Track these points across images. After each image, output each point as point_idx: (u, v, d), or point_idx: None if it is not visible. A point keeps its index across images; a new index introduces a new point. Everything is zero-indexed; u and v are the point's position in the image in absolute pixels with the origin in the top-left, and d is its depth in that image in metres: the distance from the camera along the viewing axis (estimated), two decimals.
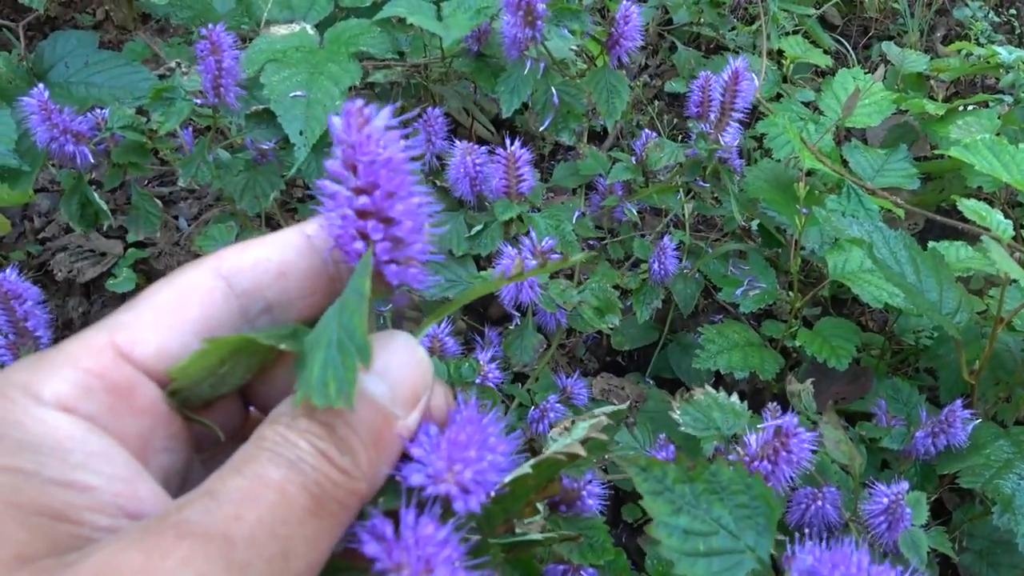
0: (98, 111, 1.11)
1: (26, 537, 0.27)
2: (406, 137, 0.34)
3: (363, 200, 0.33)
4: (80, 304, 1.65)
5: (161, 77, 1.17)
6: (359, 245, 0.34)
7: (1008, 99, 1.52)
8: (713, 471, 0.43)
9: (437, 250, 0.36)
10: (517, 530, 0.42)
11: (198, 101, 1.05)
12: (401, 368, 0.33)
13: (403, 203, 0.34)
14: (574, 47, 1.09)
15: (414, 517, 0.31)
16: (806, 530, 0.80)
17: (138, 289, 1.59)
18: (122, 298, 1.61)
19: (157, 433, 0.32)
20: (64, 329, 1.62)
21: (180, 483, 0.34)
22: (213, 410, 0.36)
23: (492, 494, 0.34)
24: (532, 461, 0.39)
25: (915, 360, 1.32)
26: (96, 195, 1.09)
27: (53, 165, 1.48)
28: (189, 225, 1.73)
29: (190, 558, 0.26)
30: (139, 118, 1.10)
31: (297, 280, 0.36)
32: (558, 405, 0.99)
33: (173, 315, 0.33)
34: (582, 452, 0.39)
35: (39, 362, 0.31)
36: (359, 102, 0.33)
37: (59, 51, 1.24)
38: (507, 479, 0.36)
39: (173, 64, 1.15)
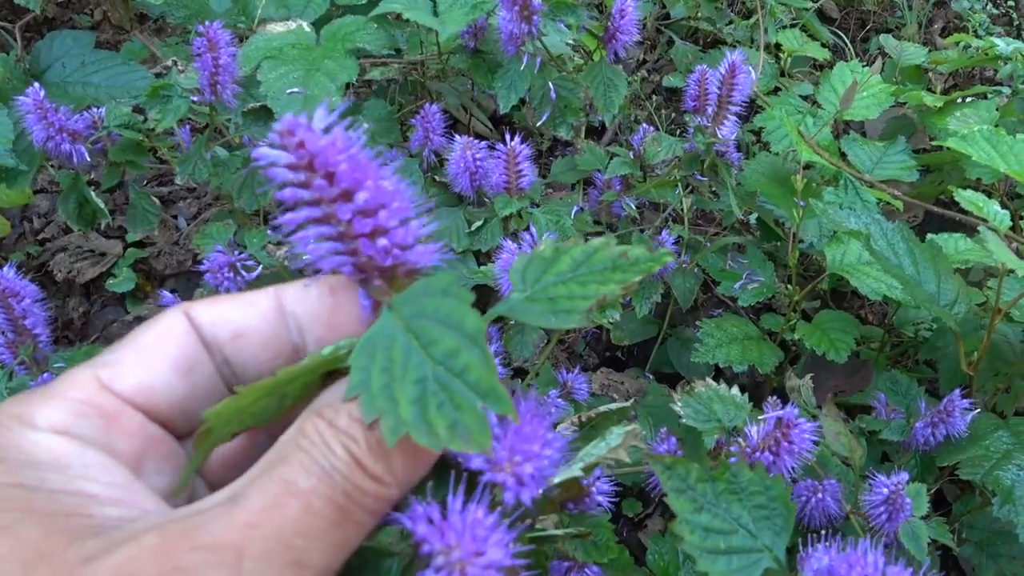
0: (95, 110, 1.11)
1: (41, 533, 0.28)
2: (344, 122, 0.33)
3: (363, 195, 0.32)
4: (80, 304, 1.65)
5: (158, 75, 1.17)
6: (382, 243, 0.33)
7: (1006, 90, 1.52)
8: (734, 472, 0.44)
9: (428, 219, 0.35)
10: (538, 526, 0.42)
11: (195, 99, 1.05)
12: None
13: (388, 184, 0.33)
14: (570, 42, 1.09)
15: (462, 503, 0.31)
16: (819, 530, 0.80)
17: (137, 289, 1.59)
18: (121, 298, 1.62)
19: (149, 455, 0.34)
20: (64, 329, 1.62)
21: (176, 504, 0.35)
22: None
23: (542, 491, 0.34)
24: (581, 464, 0.39)
25: (914, 352, 1.32)
26: (94, 194, 1.09)
27: (52, 166, 1.48)
28: (188, 224, 1.73)
29: (198, 568, 0.27)
30: (136, 116, 1.10)
31: (254, 343, 0.36)
32: (559, 400, 0.99)
33: (151, 353, 0.35)
34: (627, 458, 0.40)
35: (29, 396, 0.33)
36: (287, 118, 0.32)
37: (56, 51, 1.24)
38: (559, 478, 0.36)
39: (169, 62, 1.15)
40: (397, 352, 0.31)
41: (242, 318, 0.36)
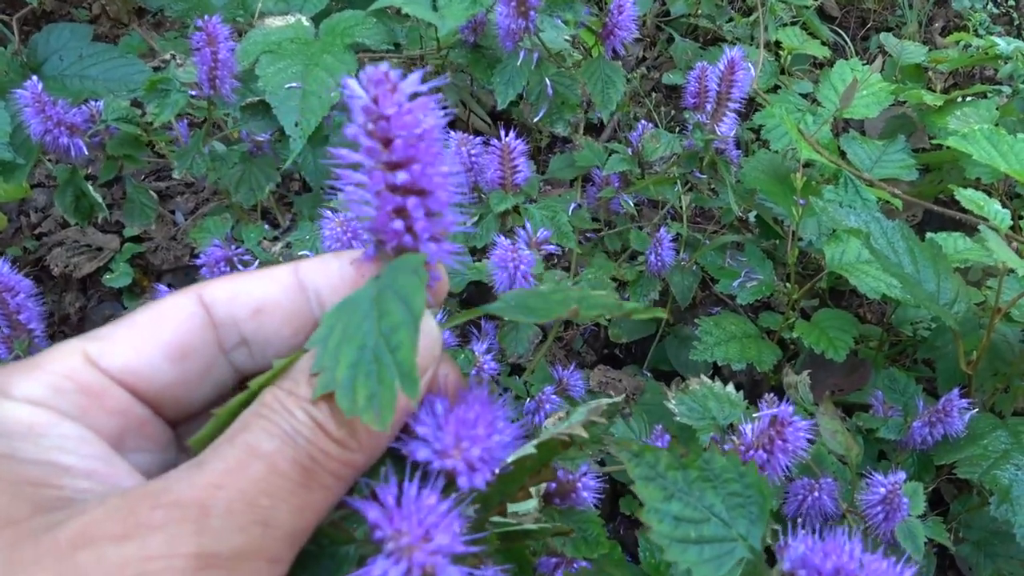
0: (93, 103, 1.10)
1: (7, 501, 0.28)
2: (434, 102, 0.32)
3: (402, 176, 0.32)
4: (77, 299, 1.65)
5: (156, 69, 1.17)
6: (398, 225, 0.33)
7: (1006, 90, 1.52)
8: (706, 459, 0.43)
9: (465, 220, 0.35)
10: (512, 521, 0.41)
11: (193, 93, 1.05)
12: None
13: (437, 173, 0.33)
14: (568, 37, 1.09)
15: (416, 488, 0.31)
16: (801, 521, 0.80)
17: (134, 284, 1.59)
18: (118, 293, 1.61)
19: (130, 433, 0.33)
20: (61, 324, 1.61)
21: None
22: None
23: (497, 472, 0.34)
24: (535, 441, 0.38)
25: (913, 351, 1.32)
26: (91, 188, 1.09)
27: (49, 160, 1.48)
28: (186, 219, 1.73)
29: (162, 525, 0.27)
30: (134, 110, 1.09)
31: (276, 319, 0.35)
32: (554, 397, 0.98)
33: (145, 334, 0.34)
34: (584, 433, 0.39)
35: (10, 368, 0.32)
36: (384, 66, 0.31)
37: (53, 44, 1.24)
38: (512, 457, 0.36)
39: (168, 56, 1.15)
40: (357, 317, 0.31)
41: (263, 292, 0.35)
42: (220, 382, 0.36)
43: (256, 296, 0.35)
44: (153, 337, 0.34)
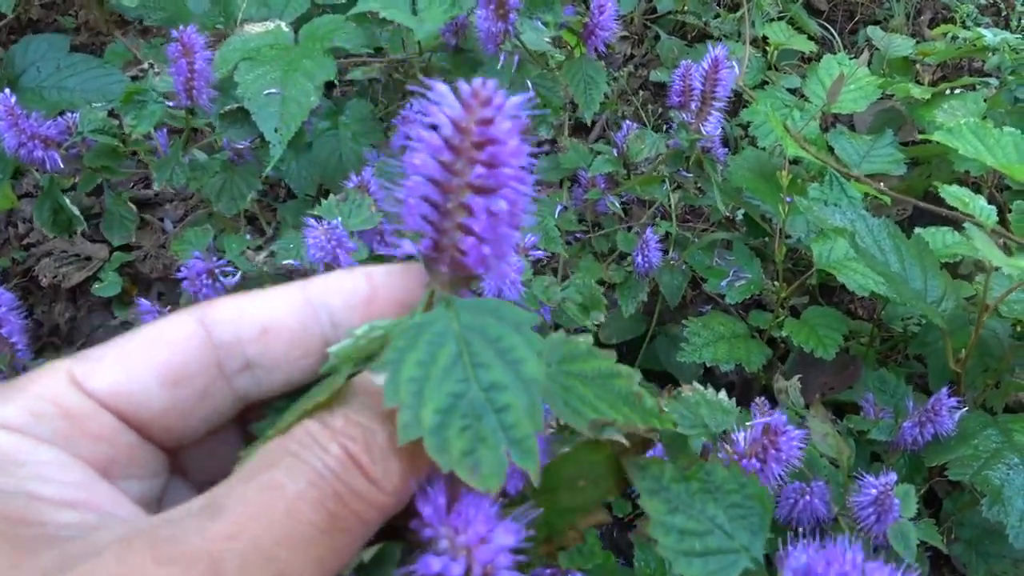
0: (70, 115, 1.09)
1: None
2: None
3: (488, 201, 0.31)
4: (67, 309, 1.63)
5: (134, 79, 1.15)
6: (467, 245, 0.31)
7: (994, 82, 1.51)
8: (708, 470, 0.43)
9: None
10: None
11: (171, 104, 1.04)
12: None
13: (519, 203, 0.32)
14: (549, 39, 1.08)
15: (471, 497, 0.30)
16: (798, 528, 0.79)
17: (124, 293, 1.58)
18: (108, 303, 1.60)
19: (119, 460, 0.31)
20: (51, 335, 1.60)
21: (155, 511, 0.32)
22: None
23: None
24: (571, 443, 0.38)
25: (904, 347, 1.31)
26: (68, 201, 1.08)
27: (37, 170, 1.47)
28: (175, 227, 1.72)
29: None
30: (111, 121, 1.08)
31: (284, 340, 0.33)
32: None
33: (137, 356, 0.32)
34: (625, 441, 0.37)
35: None
36: (491, 83, 0.30)
37: (30, 55, 1.22)
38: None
39: (146, 65, 1.13)
40: (443, 355, 0.29)
41: (268, 312, 0.33)
42: (220, 409, 0.33)
43: (262, 316, 0.33)
44: (146, 359, 0.32)
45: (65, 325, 1.62)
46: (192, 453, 0.35)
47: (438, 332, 0.30)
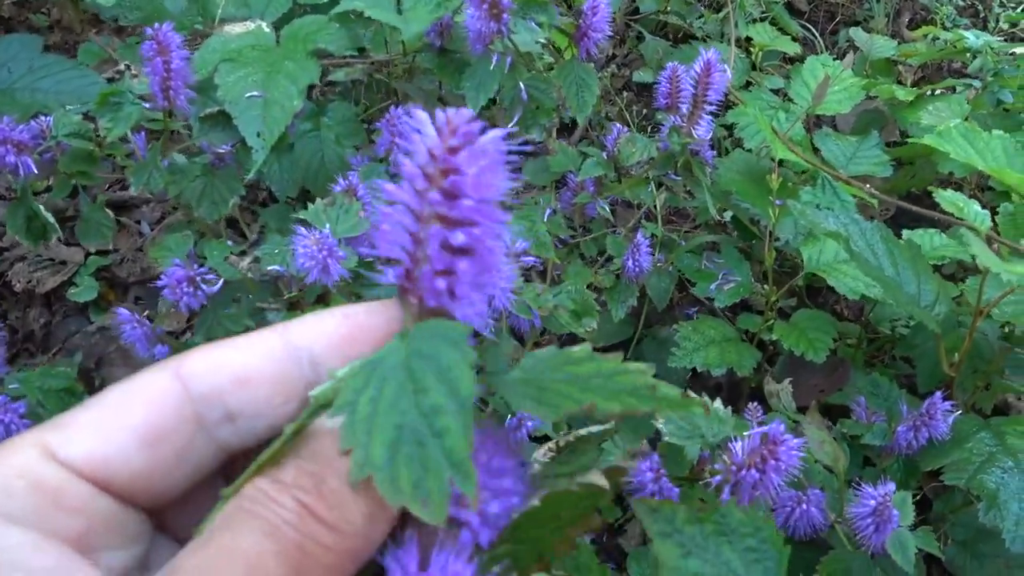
0: (43, 118, 1.05)
1: None
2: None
3: (460, 237, 0.30)
4: (42, 315, 1.59)
5: (110, 80, 1.12)
6: (440, 284, 0.31)
7: (976, 83, 1.52)
8: (723, 512, 0.42)
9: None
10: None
11: (148, 105, 1.00)
12: None
13: (493, 240, 0.31)
14: (540, 40, 1.06)
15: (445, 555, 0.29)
16: (804, 540, 0.78)
17: (100, 298, 1.54)
18: (84, 308, 1.56)
19: (97, 531, 0.30)
20: (26, 341, 1.56)
21: None
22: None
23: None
24: (542, 493, 0.36)
25: (891, 348, 1.32)
26: (42, 207, 1.04)
27: (10, 173, 1.42)
28: (152, 230, 1.68)
29: None
30: (87, 124, 1.04)
31: (264, 387, 0.32)
32: None
33: (112, 418, 0.30)
34: (604, 483, 0.36)
35: None
36: (466, 113, 0.30)
37: (2, 56, 1.18)
38: (517, 513, 0.34)
39: (123, 66, 1.10)
40: (389, 388, 0.29)
41: (245, 360, 0.32)
42: (202, 463, 0.32)
43: (239, 364, 0.32)
44: (121, 420, 0.30)
45: (40, 331, 1.58)
46: (177, 510, 0.33)
47: (390, 366, 0.30)
